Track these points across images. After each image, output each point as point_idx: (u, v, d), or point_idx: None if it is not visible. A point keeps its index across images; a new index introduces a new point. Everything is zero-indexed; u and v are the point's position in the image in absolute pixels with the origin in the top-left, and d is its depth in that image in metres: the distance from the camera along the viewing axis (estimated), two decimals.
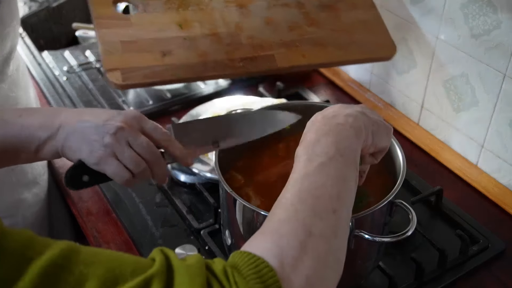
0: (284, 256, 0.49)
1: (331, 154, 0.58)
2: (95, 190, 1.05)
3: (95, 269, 0.42)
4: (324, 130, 0.61)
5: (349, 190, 0.58)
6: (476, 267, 0.90)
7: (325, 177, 0.56)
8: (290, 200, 0.54)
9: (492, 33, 0.96)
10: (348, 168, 0.59)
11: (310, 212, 0.53)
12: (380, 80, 1.26)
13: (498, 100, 0.99)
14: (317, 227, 0.52)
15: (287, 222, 0.52)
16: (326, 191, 0.55)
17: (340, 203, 0.55)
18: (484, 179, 1.06)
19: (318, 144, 0.60)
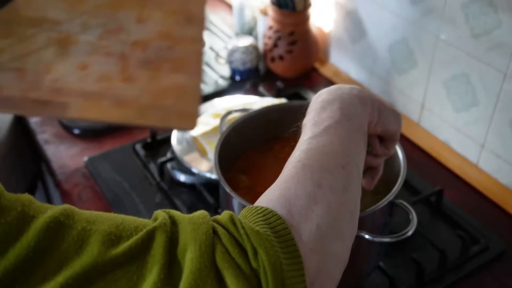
0: (292, 205, 0.47)
1: (337, 118, 0.57)
2: (94, 191, 1.05)
3: (98, 225, 0.41)
4: (329, 99, 0.61)
5: (357, 150, 0.57)
6: (477, 267, 0.89)
7: (333, 137, 0.55)
8: (297, 157, 0.53)
9: (493, 33, 0.95)
10: (356, 131, 0.58)
11: (318, 166, 0.51)
12: (380, 80, 1.26)
13: (499, 100, 0.99)
14: (326, 179, 0.50)
15: (294, 176, 0.51)
16: (333, 148, 0.54)
17: (349, 160, 0.54)
18: (485, 179, 1.05)
19: (324, 111, 0.59)
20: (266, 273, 0.41)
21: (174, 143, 1.06)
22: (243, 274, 0.41)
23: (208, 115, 1.10)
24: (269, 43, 1.33)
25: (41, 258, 0.39)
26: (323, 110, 0.59)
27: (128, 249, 0.40)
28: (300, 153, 0.54)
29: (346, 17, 1.30)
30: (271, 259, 0.42)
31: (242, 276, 0.41)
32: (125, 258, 0.40)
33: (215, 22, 1.60)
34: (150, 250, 0.41)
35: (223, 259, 0.41)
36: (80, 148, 1.15)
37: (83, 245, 0.40)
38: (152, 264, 0.40)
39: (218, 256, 0.41)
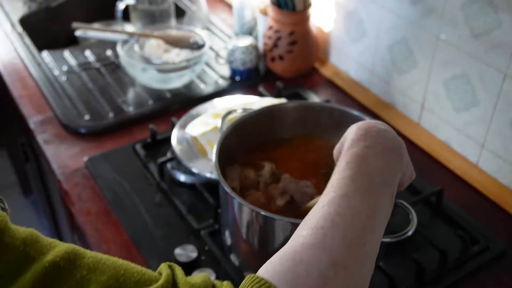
0: (298, 284, 0.44)
1: (378, 182, 0.53)
2: (94, 191, 1.05)
3: (98, 275, 0.41)
4: (376, 150, 0.55)
5: (383, 224, 0.53)
6: (477, 267, 0.89)
7: (365, 206, 0.50)
8: (322, 222, 0.48)
9: (493, 33, 0.95)
10: (386, 200, 0.53)
11: (340, 241, 0.47)
12: (380, 80, 1.26)
13: (499, 100, 0.99)
14: (344, 257, 0.46)
15: (312, 247, 0.46)
16: (361, 220, 0.49)
17: (371, 237, 0.50)
18: (485, 179, 1.05)
19: (366, 164, 0.54)
20: None
21: (174, 143, 1.06)
22: None
23: (208, 115, 1.10)
24: (269, 43, 1.33)
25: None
26: (365, 161, 0.54)
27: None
28: (326, 217, 0.49)
29: (346, 17, 1.30)
30: None
31: None
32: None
33: (215, 22, 1.60)
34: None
35: None
36: (80, 148, 1.15)
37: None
38: None
39: None
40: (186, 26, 1.48)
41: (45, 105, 1.27)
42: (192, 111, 1.16)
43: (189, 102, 1.26)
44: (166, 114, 1.23)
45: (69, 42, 1.60)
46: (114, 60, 1.43)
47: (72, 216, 1.08)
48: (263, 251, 0.79)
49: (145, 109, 1.25)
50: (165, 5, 1.47)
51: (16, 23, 1.58)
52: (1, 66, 1.42)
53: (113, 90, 1.32)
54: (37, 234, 0.42)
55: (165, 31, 1.38)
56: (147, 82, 1.31)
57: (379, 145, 0.56)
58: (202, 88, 1.33)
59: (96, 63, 1.42)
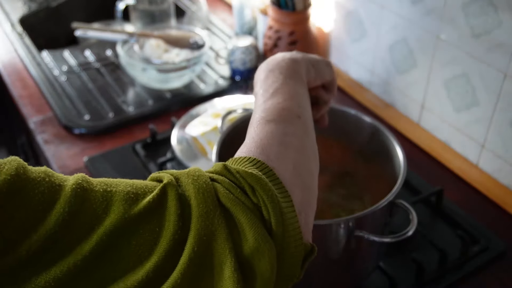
0: (268, 152, 0.54)
1: (281, 80, 0.66)
2: None
3: (115, 187, 0.46)
4: (269, 68, 0.69)
5: (305, 101, 0.65)
6: (477, 267, 0.89)
7: (283, 95, 0.63)
8: (259, 117, 0.60)
9: (493, 32, 0.95)
10: (299, 86, 0.66)
11: (279, 119, 0.58)
12: (380, 80, 1.26)
13: (499, 100, 0.99)
14: (289, 128, 0.58)
15: (261, 130, 0.57)
16: (286, 104, 0.61)
17: (301, 110, 0.62)
18: (485, 179, 1.05)
19: (268, 79, 0.67)
20: (267, 205, 0.48)
21: (174, 143, 1.06)
22: (248, 209, 0.48)
23: (208, 115, 1.10)
24: (269, 43, 1.33)
25: (75, 221, 0.43)
26: (267, 78, 0.67)
27: (147, 204, 0.45)
28: (260, 113, 0.60)
29: (346, 17, 1.30)
30: (268, 193, 0.48)
31: (249, 210, 0.48)
32: (146, 213, 0.45)
33: (215, 22, 1.60)
34: (165, 204, 0.46)
35: (228, 199, 0.48)
36: (80, 148, 1.15)
37: (108, 205, 0.44)
38: (169, 215, 0.46)
39: (222, 197, 0.48)
40: (186, 26, 1.48)
41: (45, 105, 1.27)
42: (192, 111, 1.16)
43: (189, 102, 1.26)
44: (166, 114, 1.23)
45: (69, 42, 1.60)
46: (114, 60, 1.43)
47: None
48: None
49: (145, 109, 1.25)
50: (165, 5, 1.47)
51: (16, 23, 1.58)
52: (1, 66, 1.42)
53: (113, 90, 1.32)
54: (49, 169, 0.46)
55: (165, 31, 1.38)
56: (147, 82, 1.31)
57: (268, 65, 0.70)
58: (202, 88, 1.33)
59: (96, 63, 1.42)
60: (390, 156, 0.83)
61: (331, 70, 0.77)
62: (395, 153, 0.81)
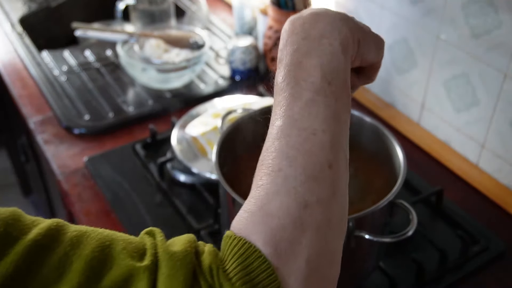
0: (277, 240, 0.41)
1: (318, 84, 0.46)
2: (94, 191, 1.05)
3: (82, 249, 0.39)
4: (303, 48, 0.48)
5: (343, 131, 0.47)
6: (477, 267, 0.89)
7: (315, 121, 0.45)
8: (278, 162, 0.44)
9: (493, 33, 0.95)
10: (340, 99, 0.47)
11: (302, 177, 0.43)
12: (380, 80, 1.26)
13: (499, 100, 0.99)
14: (313, 193, 0.42)
15: (276, 194, 0.42)
16: (318, 141, 0.44)
17: (335, 153, 0.45)
18: (485, 179, 1.05)
19: (299, 70, 0.47)
20: None
21: (174, 143, 1.06)
22: None
23: (208, 115, 1.10)
24: (269, 43, 1.33)
25: (20, 284, 0.37)
26: (299, 66, 0.47)
27: (108, 285, 0.39)
28: (280, 155, 0.44)
29: None
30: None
31: None
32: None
33: (215, 22, 1.60)
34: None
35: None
36: (80, 148, 1.15)
37: (64, 273, 0.38)
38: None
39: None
40: (186, 26, 1.48)
41: (45, 105, 1.27)
42: (192, 111, 1.16)
43: (189, 102, 1.26)
44: (166, 114, 1.23)
45: (69, 42, 1.60)
46: (114, 60, 1.43)
47: (72, 216, 1.08)
48: None
49: (145, 109, 1.25)
50: (165, 5, 1.47)
51: (16, 23, 1.58)
52: (1, 66, 1.42)
53: (113, 90, 1.32)
54: (19, 213, 0.40)
55: (165, 31, 1.38)
56: (147, 82, 1.31)
57: (305, 40, 0.49)
58: (202, 88, 1.33)
59: (96, 63, 1.42)
60: (390, 156, 0.83)
61: (378, 52, 0.57)
62: (395, 153, 0.81)
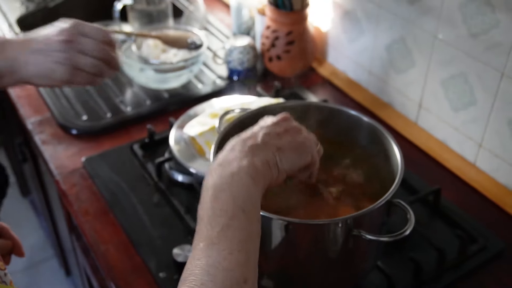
0: None
1: (231, 212, 0.56)
2: (92, 191, 1.05)
3: None
4: (220, 184, 0.58)
5: (254, 247, 0.56)
6: (475, 267, 0.90)
7: (231, 243, 0.54)
8: (200, 278, 0.51)
9: (490, 32, 0.96)
10: (251, 222, 0.57)
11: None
12: (378, 80, 1.26)
13: (496, 99, 0.99)
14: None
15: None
16: (234, 259, 0.53)
17: (249, 268, 0.54)
18: (483, 178, 1.05)
19: (216, 202, 0.57)
20: None
21: (171, 143, 1.06)
22: None
23: (206, 115, 1.10)
24: (267, 43, 1.33)
25: None
26: (216, 200, 0.57)
27: None
28: (202, 272, 0.52)
29: (343, 16, 1.30)
30: None
31: None
32: None
33: (213, 22, 1.60)
34: None
35: None
36: (78, 149, 1.15)
37: None
38: None
39: None
40: (184, 26, 1.48)
41: (42, 106, 1.27)
42: (190, 111, 1.16)
43: (187, 102, 1.26)
44: (164, 114, 1.23)
45: None
46: None
47: (70, 216, 1.08)
48: (260, 250, 0.79)
49: (143, 109, 1.25)
50: (162, 5, 1.47)
51: (14, 24, 1.58)
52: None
53: (111, 90, 1.32)
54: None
55: (162, 31, 1.38)
56: (145, 82, 1.31)
57: (220, 178, 0.59)
58: (200, 88, 1.33)
59: None
60: (388, 156, 0.83)
61: (301, 157, 0.67)
62: (393, 152, 0.81)
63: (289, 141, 0.66)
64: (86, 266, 1.18)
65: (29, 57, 0.81)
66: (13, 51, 0.82)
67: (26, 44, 0.82)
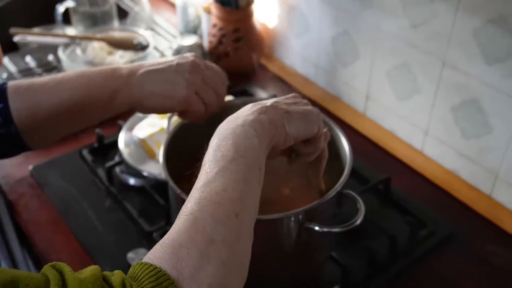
0: (183, 266, 0.47)
1: (231, 156, 0.57)
2: (41, 199, 1.02)
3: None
4: (224, 134, 0.60)
5: (251, 191, 0.57)
6: (426, 251, 0.92)
7: (226, 181, 0.55)
8: (190, 209, 0.53)
9: (430, 22, 0.98)
10: (250, 168, 0.58)
11: (210, 220, 0.51)
12: (325, 74, 1.28)
13: (439, 88, 1.01)
14: (219, 233, 0.51)
15: (186, 231, 0.50)
16: (226, 195, 0.54)
17: (242, 206, 0.54)
18: (430, 165, 1.08)
19: (218, 150, 0.58)
20: None
21: (121, 146, 1.04)
22: None
23: (155, 116, 1.09)
24: (214, 41, 1.33)
25: None
26: (218, 148, 0.59)
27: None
28: (193, 204, 0.53)
29: (289, 12, 1.31)
30: None
31: None
32: None
33: (159, 22, 1.59)
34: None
35: None
36: (24, 157, 1.12)
37: None
38: None
39: None
40: (129, 27, 1.46)
41: None
42: (138, 113, 1.14)
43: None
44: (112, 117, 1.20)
45: (8, 49, 1.55)
46: (57, 64, 1.39)
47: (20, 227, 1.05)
48: None
49: None
50: (106, 6, 1.45)
51: None
52: None
53: None
54: None
55: (108, 33, 1.36)
56: None
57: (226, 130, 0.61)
58: None
59: (37, 68, 1.38)
60: (337, 148, 0.84)
61: (308, 124, 0.67)
62: (341, 144, 0.83)
63: (298, 109, 0.68)
64: None
65: (148, 75, 0.79)
66: (128, 70, 0.79)
67: (142, 65, 0.80)
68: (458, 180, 1.04)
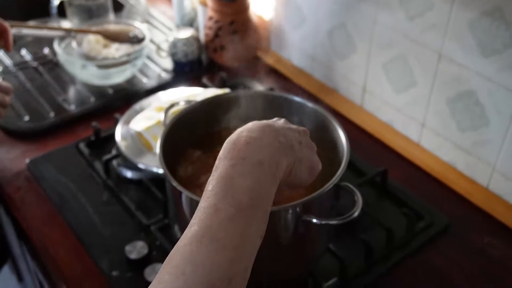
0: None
1: (244, 205, 0.50)
2: (38, 194, 1.02)
3: None
4: (241, 167, 0.52)
5: (252, 249, 0.50)
6: (422, 243, 0.92)
7: (229, 236, 0.48)
8: (183, 265, 0.46)
9: (426, 14, 0.98)
10: (258, 222, 0.51)
11: (201, 286, 0.45)
12: (322, 66, 1.27)
13: (435, 80, 1.02)
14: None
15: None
16: (226, 255, 0.47)
17: (239, 268, 0.48)
18: (427, 157, 1.08)
19: (231, 186, 0.51)
20: None
21: (118, 139, 1.04)
22: None
23: (152, 109, 1.09)
24: (210, 33, 1.32)
25: None
26: (231, 182, 0.51)
27: None
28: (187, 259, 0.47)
29: (285, 4, 1.31)
30: None
31: None
32: None
33: (155, 15, 1.58)
34: None
35: None
36: (21, 151, 1.12)
37: None
38: None
39: None
40: (125, 20, 1.46)
41: None
42: (135, 106, 1.14)
43: (132, 97, 1.24)
44: (109, 111, 1.21)
45: None
46: (52, 58, 1.39)
47: (17, 222, 1.05)
48: None
49: (87, 106, 1.22)
50: None
51: None
52: None
53: (53, 89, 1.29)
54: None
55: (103, 26, 1.35)
56: (88, 79, 1.28)
57: (243, 160, 0.53)
58: (144, 82, 1.31)
59: (33, 62, 1.38)
60: (334, 140, 0.84)
61: (307, 177, 0.63)
62: (338, 136, 0.83)
63: (308, 157, 0.62)
64: (37, 271, 1.15)
65: None
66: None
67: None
68: (455, 172, 1.04)
